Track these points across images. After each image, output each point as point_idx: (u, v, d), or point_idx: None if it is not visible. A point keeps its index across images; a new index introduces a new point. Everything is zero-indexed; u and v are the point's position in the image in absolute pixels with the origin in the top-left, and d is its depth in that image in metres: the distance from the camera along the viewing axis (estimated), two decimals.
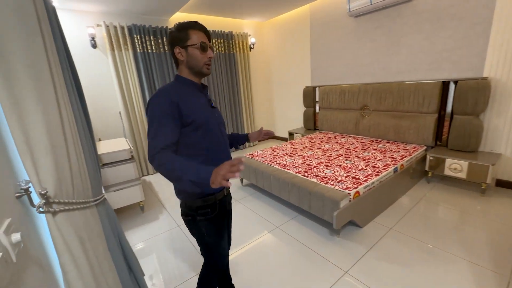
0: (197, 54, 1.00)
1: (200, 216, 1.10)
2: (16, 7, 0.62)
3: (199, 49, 1.00)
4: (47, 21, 0.81)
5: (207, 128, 1.04)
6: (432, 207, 2.35)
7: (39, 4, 0.72)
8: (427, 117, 2.86)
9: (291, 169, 2.53)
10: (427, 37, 2.82)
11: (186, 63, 1.02)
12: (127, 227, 2.44)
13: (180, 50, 1.00)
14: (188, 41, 0.99)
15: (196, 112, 1.01)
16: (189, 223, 1.15)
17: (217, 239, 1.16)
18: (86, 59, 3.33)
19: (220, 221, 1.16)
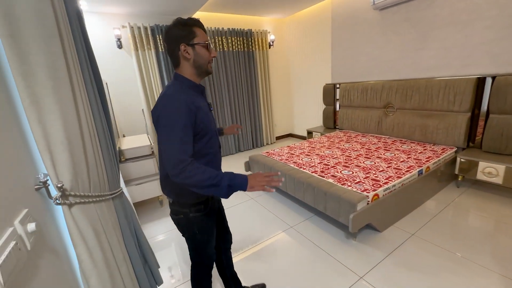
0: (205, 52, 0.98)
1: (193, 213, 1.09)
2: (35, 11, 0.66)
3: (206, 47, 0.97)
4: (67, 23, 0.85)
5: (211, 135, 1.04)
6: (461, 213, 2.17)
7: (58, 7, 0.76)
8: (458, 116, 2.63)
9: (307, 169, 2.47)
10: (462, 29, 2.59)
11: (193, 62, 0.98)
12: (146, 220, 2.55)
13: (186, 48, 0.95)
14: (195, 38, 0.95)
15: (205, 120, 0.99)
16: (181, 222, 1.14)
17: (208, 236, 1.16)
18: (112, 59, 3.51)
19: (212, 218, 1.17)
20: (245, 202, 2.73)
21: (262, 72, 4.77)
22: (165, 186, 1.12)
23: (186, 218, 1.11)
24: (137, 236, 1.29)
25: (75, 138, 0.79)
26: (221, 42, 4.18)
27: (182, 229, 1.17)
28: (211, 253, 1.22)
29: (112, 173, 1.09)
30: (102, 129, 1.03)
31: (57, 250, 0.80)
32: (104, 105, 1.14)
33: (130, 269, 1.13)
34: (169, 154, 0.89)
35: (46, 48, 0.69)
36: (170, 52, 1.00)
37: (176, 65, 1.01)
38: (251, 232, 2.18)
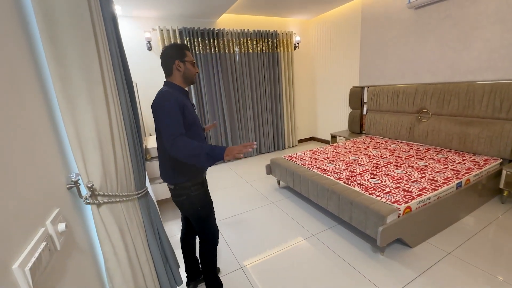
0: (191, 68, 1.31)
1: (194, 192, 1.33)
2: (74, 14, 0.67)
3: (192, 65, 1.32)
4: (103, 27, 0.87)
5: (196, 127, 1.31)
6: (506, 233, 1.94)
7: (95, 11, 0.78)
8: (505, 124, 2.37)
9: (331, 175, 2.37)
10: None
11: (183, 74, 1.30)
12: (169, 217, 2.60)
13: (179, 63, 1.28)
14: (186, 57, 1.29)
15: (190, 114, 1.27)
16: (183, 202, 1.36)
17: (209, 210, 1.42)
18: (142, 61, 3.66)
19: (209, 195, 1.42)
20: (266, 205, 2.69)
21: (286, 73, 4.71)
22: (166, 176, 1.35)
23: (188, 198, 1.34)
24: (159, 236, 1.31)
25: (106, 139, 0.80)
26: (245, 43, 4.19)
27: (186, 209, 1.39)
28: (214, 229, 1.45)
29: (138, 173, 1.11)
30: (131, 129, 1.05)
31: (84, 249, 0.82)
32: (134, 105, 1.16)
33: (152, 269, 1.14)
34: (165, 131, 1.15)
35: (81, 51, 0.71)
36: (165, 65, 1.32)
37: (168, 75, 1.34)
38: (270, 237, 2.13)
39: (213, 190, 3.20)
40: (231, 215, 2.53)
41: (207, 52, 3.89)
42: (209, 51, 3.89)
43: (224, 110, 4.18)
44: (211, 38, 3.87)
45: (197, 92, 3.95)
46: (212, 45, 3.89)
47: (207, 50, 3.88)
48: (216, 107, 4.14)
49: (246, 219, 2.44)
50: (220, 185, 3.35)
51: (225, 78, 4.14)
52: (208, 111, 4.05)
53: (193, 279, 1.68)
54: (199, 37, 3.78)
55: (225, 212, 2.61)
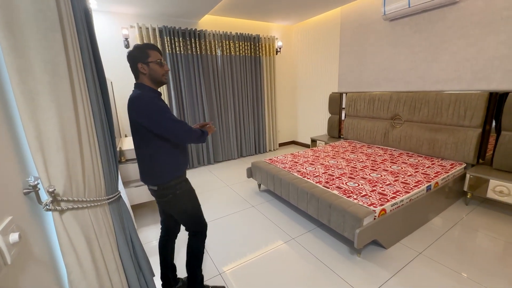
0: (157, 68, 1.25)
1: (179, 190, 1.35)
2: (36, 1, 0.61)
3: (158, 64, 1.26)
4: (72, 19, 0.81)
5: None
6: (470, 232, 2.08)
7: (63, 1, 0.72)
8: (468, 132, 2.56)
9: (311, 178, 2.40)
10: (475, 42, 2.55)
11: (149, 75, 1.25)
12: (144, 223, 2.48)
13: (142, 65, 1.23)
14: (149, 58, 1.23)
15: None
16: (171, 201, 1.35)
17: (198, 205, 1.46)
18: (119, 58, 3.49)
19: (194, 190, 1.45)
20: (246, 209, 2.66)
21: (268, 77, 4.74)
22: (147, 178, 1.34)
23: (174, 196, 1.34)
24: (132, 243, 1.23)
25: (72, 139, 0.74)
26: (228, 46, 4.16)
27: (173, 208, 1.38)
28: (204, 221, 1.50)
29: (110, 176, 1.04)
30: (102, 129, 0.98)
31: (43, 262, 0.74)
32: (107, 104, 1.09)
33: (122, 278, 1.06)
34: (179, 130, 1.23)
35: (45, 42, 0.65)
36: (131, 68, 1.28)
37: (136, 77, 1.29)
38: (250, 241, 2.10)
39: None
40: (211, 220, 2.47)
41: (188, 53, 3.81)
42: (190, 52, 3.82)
43: (205, 113, 4.10)
44: (193, 38, 3.80)
45: (177, 94, 3.84)
46: (194, 46, 3.82)
47: (188, 51, 3.81)
48: (197, 109, 4.06)
49: (226, 224, 2.39)
50: (200, 189, 3.27)
51: (207, 80, 4.08)
52: (188, 113, 3.95)
53: (169, 284, 1.59)
54: (180, 37, 3.70)
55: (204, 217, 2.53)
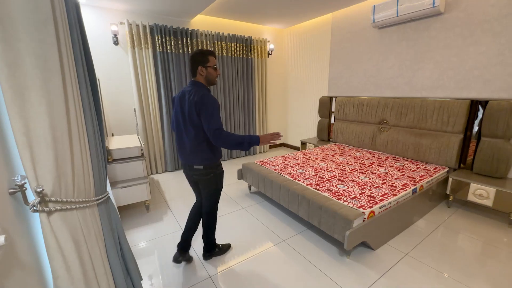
0: (213, 72, 1.58)
1: (218, 171, 1.68)
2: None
3: (214, 69, 1.58)
4: (64, 11, 0.78)
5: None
6: (452, 234, 2.17)
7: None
8: (451, 137, 2.68)
9: (302, 181, 2.43)
10: (458, 53, 2.67)
11: (205, 77, 1.58)
12: (131, 225, 2.40)
13: (201, 68, 1.56)
14: (208, 63, 1.55)
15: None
16: (210, 180, 1.67)
17: (221, 188, 1.76)
18: (107, 55, 3.39)
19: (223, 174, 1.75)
20: (236, 211, 2.64)
21: (259, 80, 4.76)
22: (196, 157, 1.60)
23: (215, 176, 1.67)
24: (121, 246, 1.19)
25: (62, 136, 0.71)
26: (220, 47, 4.15)
27: (209, 185, 1.69)
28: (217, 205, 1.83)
29: (99, 176, 1.00)
30: (92, 128, 0.95)
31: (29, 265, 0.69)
32: (96, 101, 1.05)
33: (111, 282, 1.02)
34: (212, 125, 1.45)
35: (38, 35, 0.62)
36: (191, 68, 1.59)
37: (193, 76, 1.61)
38: (241, 243, 2.09)
39: (182, 196, 3.05)
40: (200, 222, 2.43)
41: (180, 52, 3.76)
42: (181, 51, 3.77)
43: None
44: (185, 38, 3.76)
45: (167, 93, 3.78)
46: (185, 45, 3.78)
47: (180, 50, 3.75)
48: None
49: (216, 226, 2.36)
50: (188, 190, 3.21)
51: None
52: None
53: (185, 251, 1.87)
54: (172, 35, 3.65)
55: None
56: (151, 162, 3.84)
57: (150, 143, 3.77)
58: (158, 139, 3.82)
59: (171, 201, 2.91)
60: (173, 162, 3.99)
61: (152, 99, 3.66)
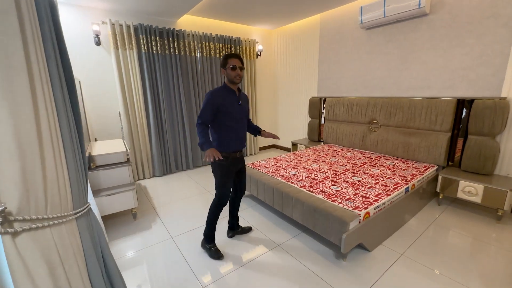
0: (230, 72, 1.74)
1: (218, 162, 1.78)
2: None
3: (231, 69, 1.73)
4: (32, 3, 0.68)
5: (231, 116, 1.80)
6: (443, 232, 2.19)
7: None
8: (439, 136, 2.73)
9: (295, 183, 2.38)
10: (443, 54, 2.73)
11: (226, 77, 1.79)
12: (117, 235, 2.27)
13: (223, 70, 1.78)
14: (227, 65, 1.74)
15: (227, 106, 1.77)
16: (214, 167, 1.84)
17: (226, 179, 1.85)
18: (88, 56, 3.23)
19: (230, 169, 1.85)
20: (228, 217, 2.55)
21: (248, 81, 4.71)
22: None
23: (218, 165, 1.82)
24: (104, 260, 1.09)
25: (30, 144, 0.61)
26: (208, 47, 4.06)
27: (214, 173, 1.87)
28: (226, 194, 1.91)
29: (78, 187, 0.90)
30: (69, 133, 0.85)
31: None
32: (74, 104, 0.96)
33: None
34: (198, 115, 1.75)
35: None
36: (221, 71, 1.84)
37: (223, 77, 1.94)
38: (233, 249, 2.01)
39: (171, 202, 2.93)
40: (190, 229, 2.33)
41: (166, 53, 3.64)
42: (168, 52, 3.65)
43: (184, 116, 3.94)
44: (171, 38, 3.65)
45: (154, 95, 3.64)
46: (172, 46, 3.66)
47: (166, 51, 3.64)
48: (175, 112, 3.88)
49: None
50: (178, 195, 3.10)
51: (186, 82, 3.93)
52: (166, 116, 3.76)
53: (232, 229, 2.22)
54: (158, 36, 3.52)
55: (183, 225, 2.39)
56: (138, 167, 3.68)
57: (136, 147, 3.62)
58: (145, 143, 3.67)
59: (160, 208, 2.79)
60: (161, 166, 3.85)
61: (138, 101, 3.52)
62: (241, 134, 1.87)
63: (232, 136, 1.82)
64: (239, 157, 1.89)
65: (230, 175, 1.86)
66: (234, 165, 1.87)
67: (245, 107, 1.91)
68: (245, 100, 1.94)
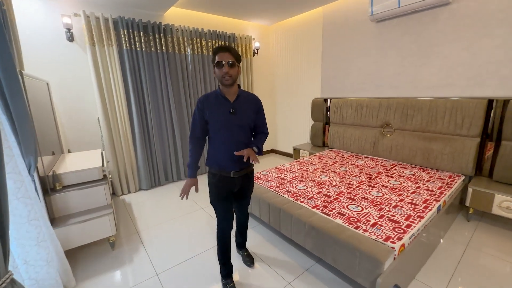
0: (217, 70, 1.37)
1: (209, 178, 1.52)
2: None
3: (217, 66, 1.35)
4: None
5: (219, 127, 1.43)
6: (485, 257, 1.84)
7: None
8: (466, 141, 2.39)
9: (305, 202, 2.00)
10: (468, 46, 2.39)
11: (216, 78, 1.42)
12: (88, 273, 1.84)
13: (214, 70, 1.40)
14: (215, 61, 1.36)
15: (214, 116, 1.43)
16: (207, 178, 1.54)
17: (214, 199, 1.52)
18: (60, 54, 2.78)
19: (222, 190, 1.49)
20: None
21: (244, 81, 4.31)
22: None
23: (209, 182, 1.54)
24: None
25: None
26: (199, 44, 3.65)
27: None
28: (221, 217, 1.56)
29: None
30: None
31: None
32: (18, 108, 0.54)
33: None
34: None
35: None
36: None
37: None
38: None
39: (160, 223, 2.51)
40: (182, 260, 1.92)
41: (152, 51, 3.22)
42: (154, 49, 3.22)
43: (174, 120, 3.52)
44: (157, 34, 3.22)
45: (138, 98, 3.21)
46: (158, 42, 3.24)
47: (152, 48, 3.21)
48: (164, 116, 3.45)
49: (200, 264, 1.87)
50: (167, 214, 2.68)
51: (175, 83, 3.50)
52: (153, 120, 3.33)
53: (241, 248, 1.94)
54: (141, 31, 3.09)
55: (173, 256, 1.98)
56: (122, 180, 3.24)
57: (119, 157, 3.18)
58: (129, 153, 3.24)
59: (145, 232, 2.36)
60: (149, 178, 3.41)
61: (120, 105, 3.08)
62: (235, 149, 1.42)
63: (219, 153, 1.45)
64: (234, 178, 1.48)
65: (220, 196, 1.50)
66: (226, 186, 1.50)
67: (244, 114, 1.45)
68: (249, 104, 1.49)
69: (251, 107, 1.50)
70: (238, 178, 1.50)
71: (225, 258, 1.60)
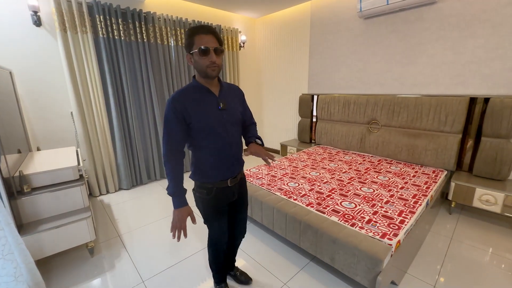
0: (200, 58, 1.06)
1: (198, 193, 1.25)
2: None
3: (201, 53, 1.04)
4: None
5: (208, 130, 1.13)
6: (469, 249, 1.92)
7: None
8: (449, 137, 2.48)
9: (298, 199, 1.95)
10: (453, 46, 2.46)
11: (195, 67, 1.11)
12: (63, 286, 1.66)
13: (189, 56, 1.10)
14: (193, 47, 1.06)
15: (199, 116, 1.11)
16: (195, 198, 1.29)
17: (210, 218, 1.30)
18: (25, 40, 2.48)
19: (216, 204, 1.26)
20: None
21: (231, 75, 4.18)
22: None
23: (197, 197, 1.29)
24: None
25: None
26: (183, 35, 3.45)
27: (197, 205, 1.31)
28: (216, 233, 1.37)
29: None
30: None
31: None
32: None
33: None
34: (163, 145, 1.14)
35: None
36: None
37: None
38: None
39: (142, 225, 2.35)
40: (169, 266, 1.80)
41: (132, 40, 2.99)
42: (134, 38, 2.99)
43: (156, 116, 3.32)
44: (137, 22, 2.99)
45: (116, 91, 2.97)
46: (139, 31, 3.01)
47: (132, 37, 2.98)
48: (145, 110, 3.24)
49: (189, 268, 1.76)
50: (151, 215, 2.52)
51: (157, 75, 3.30)
52: (133, 116, 3.11)
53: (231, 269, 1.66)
54: (120, 18, 2.85)
55: (160, 260, 1.85)
56: (100, 180, 3.00)
57: (96, 155, 2.94)
58: (107, 150, 3.00)
59: (127, 235, 2.20)
60: (129, 177, 3.20)
61: (96, 99, 2.83)
62: (231, 152, 1.21)
63: (212, 161, 1.18)
64: (231, 186, 1.26)
65: (217, 210, 1.27)
66: (224, 199, 1.27)
67: (233, 108, 1.22)
68: (234, 96, 1.26)
69: (236, 99, 1.26)
70: (235, 185, 1.29)
71: (219, 266, 1.48)
